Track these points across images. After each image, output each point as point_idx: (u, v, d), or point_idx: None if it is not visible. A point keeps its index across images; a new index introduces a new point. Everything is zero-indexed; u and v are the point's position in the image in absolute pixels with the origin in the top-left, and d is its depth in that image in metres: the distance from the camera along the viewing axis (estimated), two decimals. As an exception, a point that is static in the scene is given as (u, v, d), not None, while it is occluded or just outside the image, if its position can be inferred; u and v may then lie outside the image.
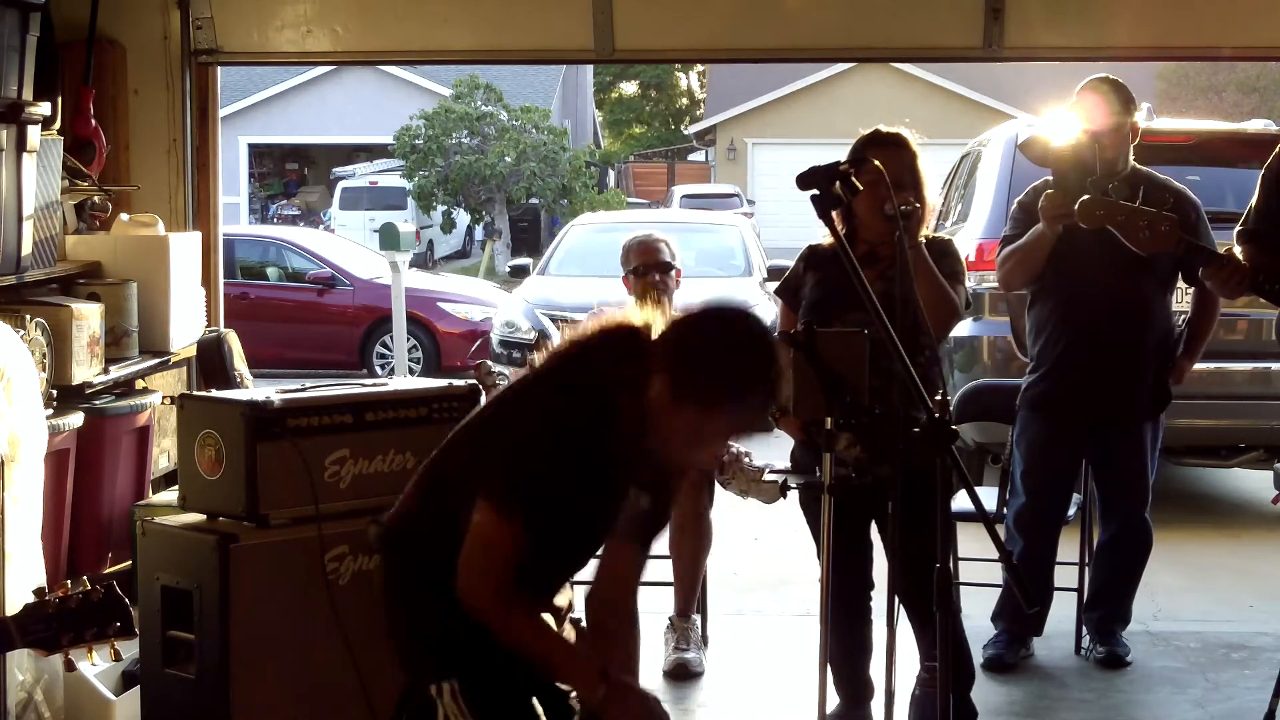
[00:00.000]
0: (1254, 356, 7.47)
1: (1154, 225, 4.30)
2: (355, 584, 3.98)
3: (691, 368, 2.73)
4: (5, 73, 4.73)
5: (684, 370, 2.73)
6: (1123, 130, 5.04)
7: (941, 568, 2.93)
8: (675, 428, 2.75)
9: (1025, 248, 5.00)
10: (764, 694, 5.08)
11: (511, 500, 2.74)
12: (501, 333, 11.49)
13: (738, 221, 14.42)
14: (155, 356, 5.45)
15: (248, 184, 33.60)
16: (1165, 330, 5.19)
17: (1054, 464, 5.22)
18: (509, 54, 6.29)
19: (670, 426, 2.75)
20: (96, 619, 2.79)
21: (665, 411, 2.74)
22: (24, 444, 3.94)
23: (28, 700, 3.95)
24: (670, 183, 39.20)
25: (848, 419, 3.54)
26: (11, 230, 4.74)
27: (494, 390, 4.55)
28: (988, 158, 8.16)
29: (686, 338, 2.78)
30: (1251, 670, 5.29)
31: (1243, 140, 8.14)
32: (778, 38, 5.98)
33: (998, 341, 7.48)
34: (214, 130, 6.07)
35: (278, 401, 3.95)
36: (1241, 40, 5.94)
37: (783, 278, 4.67)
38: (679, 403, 2.72)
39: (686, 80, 51.01)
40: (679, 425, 2.74)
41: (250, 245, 16.03)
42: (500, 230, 28.89)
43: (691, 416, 2.73)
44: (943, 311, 4.33)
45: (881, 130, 4.43)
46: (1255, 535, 7.74)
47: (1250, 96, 29.34)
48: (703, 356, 2.74)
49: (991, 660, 5.25)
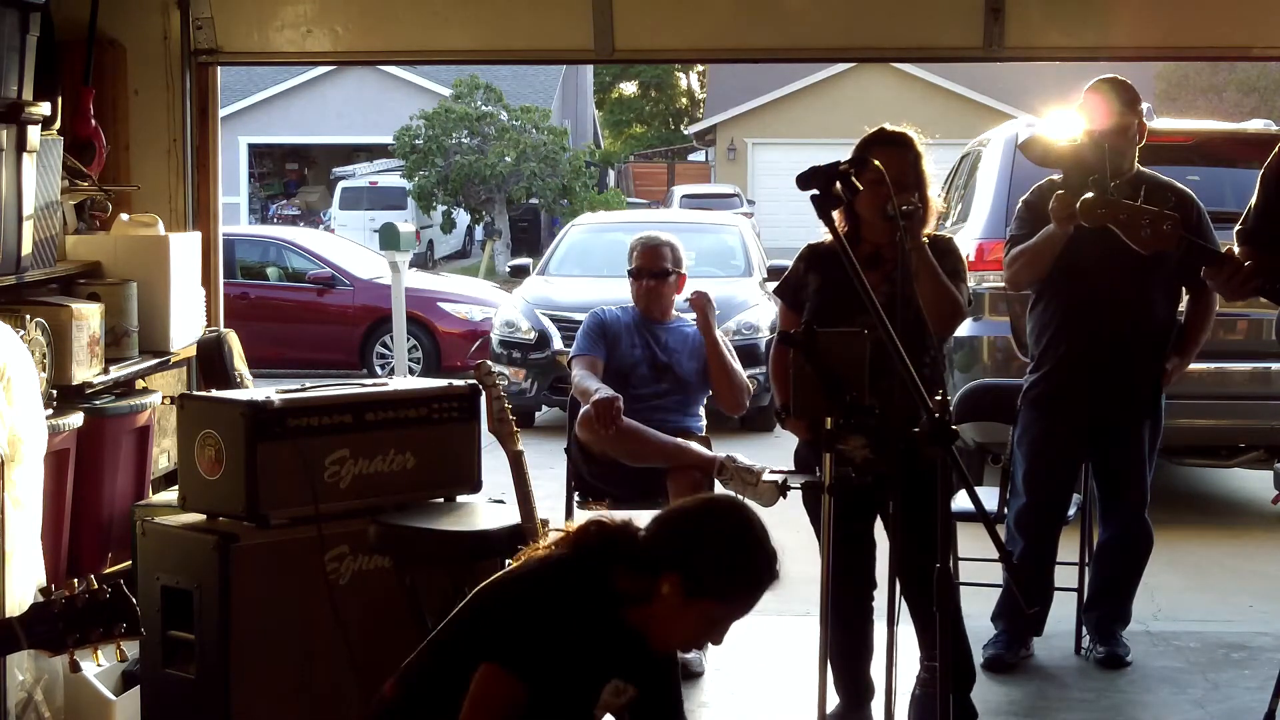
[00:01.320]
0: (1254, 356, 7.47)
1: (1156, 224, 4.30)
2: (355, 584, 3.99)
3: (705, 566, 2.83)
4: (5, 73, 4.73)
5: (697, 569, 2.82)
6: (1128, 131, 5.04)
7: (941, 568, 2.93)
8: (689, 621, 2.85)
9: (1034, 248, 5.00)
10: (764, 694, 5.08)
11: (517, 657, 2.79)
12: (501, 333, 11.48)
13: (738, 221, 14.40)
14: (155, 356, 5.45)
15: (248, 184, 33.60)
16: (1169, 332, 5.19)
17: (1056, 464, 5.22)
18: (509, 54, 6.29)
19: (683, 621, 2.85)
20: (103, 619, 2.78)
21: (677, 609, 2.83)
22: (24, 444, 3.94)
23: (28, 700, 3.95)
24: (670, 183, 39.19)
25: (852, 419, 3.54)
26: (11, 230, 4.74)
27: (494, 390, 4.54)
28: (988, 158, 8.16)
29: (693, 537, 2.87)
30: (1251, 670, 5.29)
31: (1243, 140, 8.14)
32: (778, 38, 5.98)
33: (998, 341, 7.48)
34: (214, 130, 6.07)
35: (278, 401, 3.96)
36: (1241, 40, 5.94)
37: (782, 278, 4.67)
38: (693, 600, 2.82)
39: (686, 80, 51.02)
40: (693, 618, 2.85)
41: (250, 245, 16.02)
42: (500, 230, 28.89)
43: (707, 609, 2.84)
44: (946, 311, 4.33)
45: (886, 129, 4.43)
46: (1255, 535, 7.74)
47: (1250, 96, 29.32)
48: (712, 555, 2.84)
49: (991, 660, 5.25)
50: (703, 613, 2.83)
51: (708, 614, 2.83)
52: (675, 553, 2.85)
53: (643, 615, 2.86)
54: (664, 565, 2.84)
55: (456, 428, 4.25)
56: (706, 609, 2.83)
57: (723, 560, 2.84)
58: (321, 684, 3.92)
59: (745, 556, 2.85)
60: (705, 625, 2.86)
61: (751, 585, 2.85)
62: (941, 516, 2.97)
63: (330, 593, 3.91)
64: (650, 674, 2.99)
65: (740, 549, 2.85)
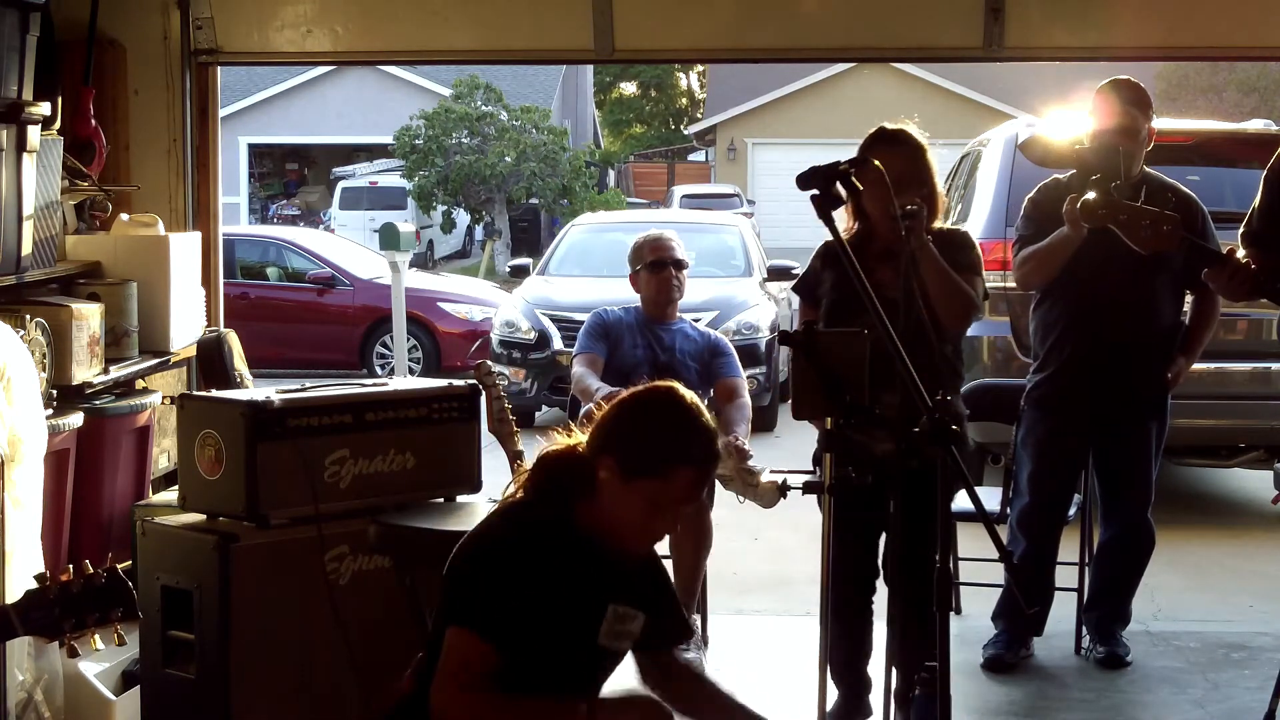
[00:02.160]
0: (1254, 356, 7.47)
1: (1156, 224, 4.29)
2: (355, 584, 3.99)
3: (634, 442, 2.88)
4: (5, 73, 4.73)
5: (627, 447, 2.87)
6: (1141, 134, 5.04)
7: (941, 567, 2.93)
8: (632, 504, 2.86)
9: (1047, 250, 4.99)
10: (764, 694, 5.07)
11: (474, 615, 2.81)
12: (501, 333, 11.49)
13: (738, 221, 14.40)
14: (155, 356, 5.45)
15: (248, 184, 33.60)
16: (1173, 334, 5.19)
17: (1059, 465, 5.22)
18: (509, 54, 6.29)
19: (627, 505, 2.86)
20: (99, 603, 2.75)
21: (619, 493, 2.86)
22: (24, 444, 3.94)
23: (28, 700, 3.95)
24: (670, 183, 39.19)
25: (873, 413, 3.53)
26: (11, 230, 4.74)
27: (494, 390, 4.54)
28: (988, 158, 8.16)
29: (621, 418, 2.93)
30: (1251, 670, 5.29)
31: (1243, 140, 8.14)
32: (778, 38, 5.98)
33: (998, 341, 7.48)
34: (214, 130, 6.07)
35: (278, 401, 3.95)
36: (1241, 40, 5.94)
37: (801, 274, 4.68)
38: (630, 479, 2.85)
39: (686, 80, 51.03)
40: (635, 501, 2.86)
41: (250, 245, 16.03)
42: (500, 230, 28.89)
43: (646, 488, 2.84)
44: (957, 306, 4.32)
45: (885, 128, 4.42)
46: (1255, 535, 7.74)
47: (1250, 96, 29.33)
48: (642, 429, 2.90)
49: (991, 660, 5.25)
50: (643, 493, 2.84)
51: (648, 494, 2.84)
52: (607, 436, 2.90)
53: (593, 515, 2.90)
54: (600, 452, 2.89)
55: (456, 428, 4.25)
56: (645, 488, 2.84)
57: (651, 433, 2.88)
58: (321, 684, 3.92)
59: (673, 429, 2.88)
60: (650, 509, 2.86)
61: (682, 456, 2.85)
62: (942, 516, 2.97)
63: (330, 593, 3.91)
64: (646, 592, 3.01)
65: (668, 422, 2.89)
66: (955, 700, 3.04)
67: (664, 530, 2.93)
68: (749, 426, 5.43)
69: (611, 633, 2.95)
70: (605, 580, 2.94)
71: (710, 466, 2.93)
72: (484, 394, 4.45)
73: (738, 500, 5.24)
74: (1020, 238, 5.18)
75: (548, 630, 2.85)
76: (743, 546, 7.02)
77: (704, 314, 10.33)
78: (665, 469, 2.84)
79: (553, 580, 2.86)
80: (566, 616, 2.88)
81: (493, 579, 2.83)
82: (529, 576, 2.83)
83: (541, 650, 2.86)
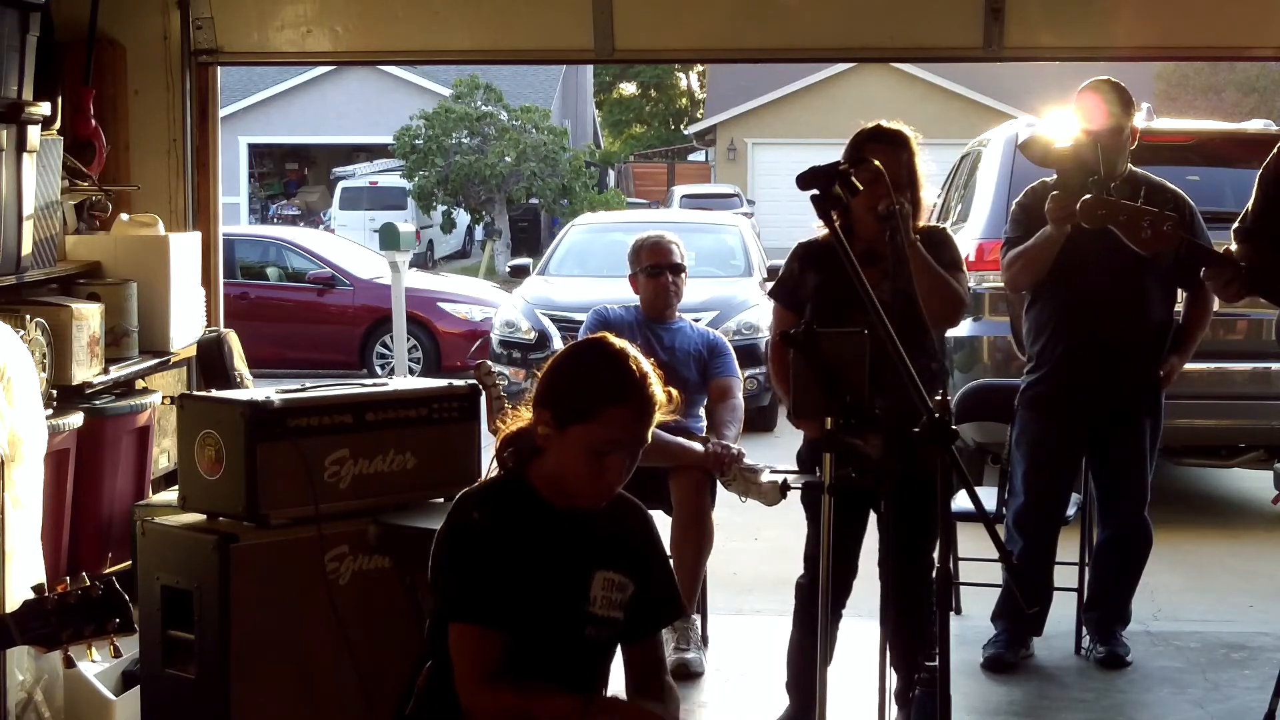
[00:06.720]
0: (1254, 356, 7.47)
1: (1156, 224, 4.30)
2: (355, 584, 3.99)
3: (563, 391, 2.90)
4: (5, 73, 4.74)
5: (557, 396, 2.90)
6: (1123, 132, 5.04)
7: (941, 567, 2.93)
8: (573, 454, 2.87)
9: (1033, 249, 5.00)
10: (764, 694, 5.08)
11: (466, 606, 2.82)
12: (501, 333, 11.49)
13: (738, 221, 14.41)
14: (155, 356, 5.45)
15: (248, 184, 33.60)
16: (1165, 332, 5.19)
17: (1054, 464, 5.22)
18: (509, 54, 6.30)
19: (569, 455, 2.87)
20: (95, 615, 2.79)
21: (559, 445, 2.87)
22: (24, 444, 3.94)
23: (27, 700, 3.96)
24: (670, 183, 39.17)
25: (864, 418, 3.53)
26: (11, 230, 4.74)
27: (494, 390, 4.54)
28: (988, 158, 8.16)
29: (552, 371, 2.96)
30: (1251, 670, 5.29)
31: (1243, 140, 8.14)
32: (778, 38, 5.98)
33: (998, 341, 7.48)
34: (214, 130, 6.08)
35: (278, 401, 3.95)
36: (1241, 40, 5.94)
37: (778, 279, 4.62)
38: (566, 429, 2.86)
39: (686, 80, 51.02)
40: (574, 449, 2.86)
41: (250, 245, 16.02)
42: (500, 230, 28.89)
43: (580, 435, 2.85)
44: (947, 305, 4.32)
45: (883, 126, 4.41)
46: (1255, 535, 7.74)
47: (1250, 96, 29.33)
48: (570, 377, 2.93)
49: (991, 660, 5.25)
50: (579, 440, 2.84)
51: (584, 440, 2.84)
52: (541, 392, 2.93)
53: (544, 474, 2.92)
54: (538, 408, 2.91)
55: (456, 428, 4.25)
56: (580, 434, 2.84)
57: (578, 379, 2.91)
58: (321, 684, 3.92)
59: (597, 371, 2.90)
60: (590, 456, 2.85)
61: (608, 396, 2.85)
62: (941, 516, 2.96)
63: (330, 593, 3.91)
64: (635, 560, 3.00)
65: (593, 366, 2.91)
66: (955, 700, 3.04)
67: (611, 479, 2.90)
68: (740, 428, 5.43)
69: (603, 600, 2.94)
70: (589, 547, 2.94)
71: (642, 407, 2.88)
72: (484, 394, 4.45)
73: (739, 500, 5.24)
74: (1008, 240, 5.19)
75: (539, 600, 2.85)
76: (743, 546, 7.02)
77: (704, 314, 10.33)
78: (594, 411, 2.84)
79: (528, 546, 2.86)
80: (554, 584, 2.88)
81: (471, 564, 2.83)
82: (503, 549, 2.84)
83: (538, 622, 2.85)
